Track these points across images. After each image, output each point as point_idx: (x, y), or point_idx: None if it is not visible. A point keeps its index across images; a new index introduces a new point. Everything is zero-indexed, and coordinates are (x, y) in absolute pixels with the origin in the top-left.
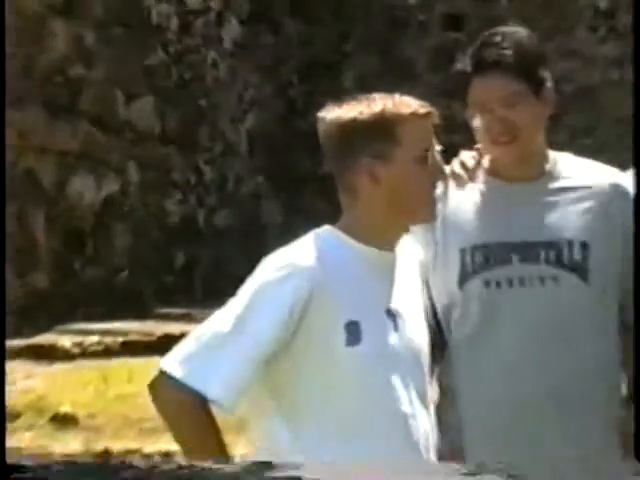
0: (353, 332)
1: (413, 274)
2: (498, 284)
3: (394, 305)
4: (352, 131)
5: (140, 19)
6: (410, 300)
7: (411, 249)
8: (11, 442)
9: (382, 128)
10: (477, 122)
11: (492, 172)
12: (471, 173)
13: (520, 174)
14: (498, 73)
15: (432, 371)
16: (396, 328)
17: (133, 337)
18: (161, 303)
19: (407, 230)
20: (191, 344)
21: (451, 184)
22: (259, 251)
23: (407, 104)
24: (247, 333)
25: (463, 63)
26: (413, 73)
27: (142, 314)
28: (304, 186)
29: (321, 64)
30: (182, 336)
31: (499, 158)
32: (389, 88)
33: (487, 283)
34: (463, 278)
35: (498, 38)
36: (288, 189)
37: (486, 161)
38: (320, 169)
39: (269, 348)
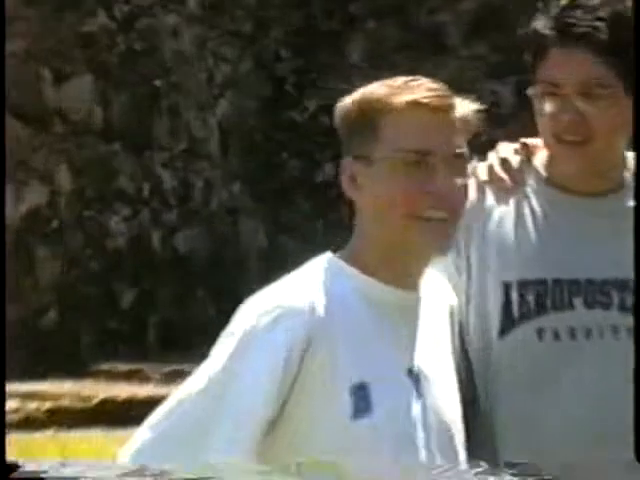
0: (361, 399)
1: (442, 322)
2: (556, 335)
3: (417, 363)
4: (339, 124)
5: None
6: (439, 357)
7: (440, 289)
8: None
9: (363, 120)
10: (545, 107)
11: (551, 180)
12: (518, 177)
13: (589, 186)
14: (587, 50)
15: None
16: (419, 394)
17: (64, 402)
18: (102, 356)
19: (426, 261)
20: (160, 432)
21: (488, 191)
22: (236, 286)
23: (409, 90)
24: (233, 411)
25: (540, 23)
26: (444, 45)
27: (77, 370)
28: (294, 197)
29: (319, 31)
30: (130, 402)
31: (563, 162)
32: (411, 66)
33: (541, 332)
34: (507, 323)
35: (590, 1)
36: (273, 201)
37: (540, 162)
38: (316, 173)
39: (264, 423)
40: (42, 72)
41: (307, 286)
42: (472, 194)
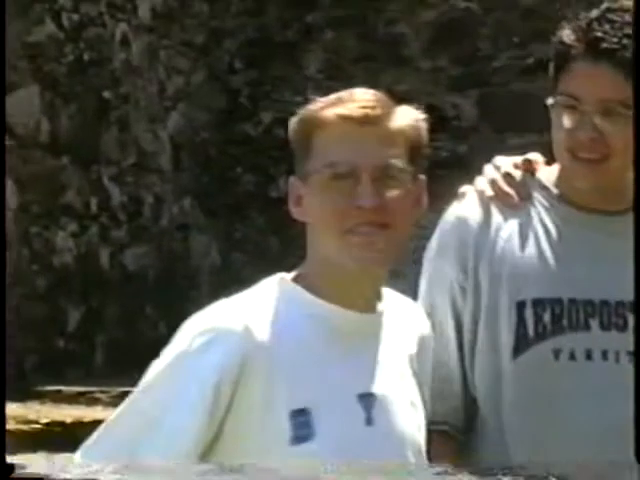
0: (302, 424)
1: (410, 346)
2: (572, 355)
3: (372, 388)
4: (290, 141)
5: None
6: (403, 381)
7: (409, 312)
8: None
9: (300, 137)
10: (563, 121)
11: (564, 196)
12: (523, 192)
13: (604, 205)
14: (613, 67)
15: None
16: (370, 419)
17: (9, 425)
18: (47, 378)
19: (375, 279)
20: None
21: (493, 207)
22: (187, 304)
23: (341, 104)
24: (161, 436)
25: (567, 33)
26: (403, 57)
27: (21, 392)
28: (248, 212)
29: (275, 42)
30: (77, 425)
31: (578, 179)
32: (369, 78)
33: (557, 352)
34: (522, 342)
35: (620, 17)
36: (226, 216)
37: (545, 177)
38: (270, 188)
39: (194, 451)
40: None
41: (248, 307)
42: (476, 211)
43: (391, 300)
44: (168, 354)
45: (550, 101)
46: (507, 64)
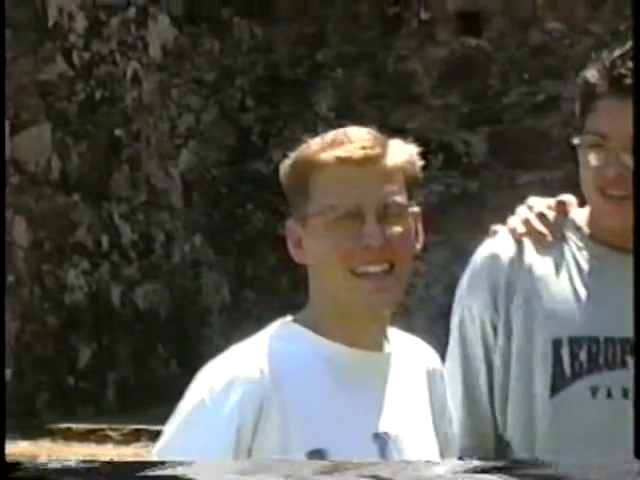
0: None
1: (420, 384)
2: (609, 393)
3: (386, 426)
4: (283, 186)
5: (32, 15)
6: (415, 420)
7: (419, 350)
8: None
9: (296, 180)
10: (590, 159)
11: (595, 236)
12: (556, 231)
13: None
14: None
15: None
16: (386, 459)
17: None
18: (58, 415)
19: (381, 317)
20: None
21: (526, 246)
22: (198, 342)
23: (337, 145)
24: None
25: (591, 72)
26: (414, 94)
27: (33, 430)
28: (259, 250)
29: (285, 80)
30: (90, 463)
31: (608, 217)
32: (380, 115)
33: (595, 391)
34: (559, 381)
35: None
36: (237, 254)
37: (579, 218)
38: (281, 226)
39: None
40: None
41: (259, 352)
42: (508, 248)
43: (398, 339)
44: (186, 405)
45: (576, 141)
46: (517, 101)
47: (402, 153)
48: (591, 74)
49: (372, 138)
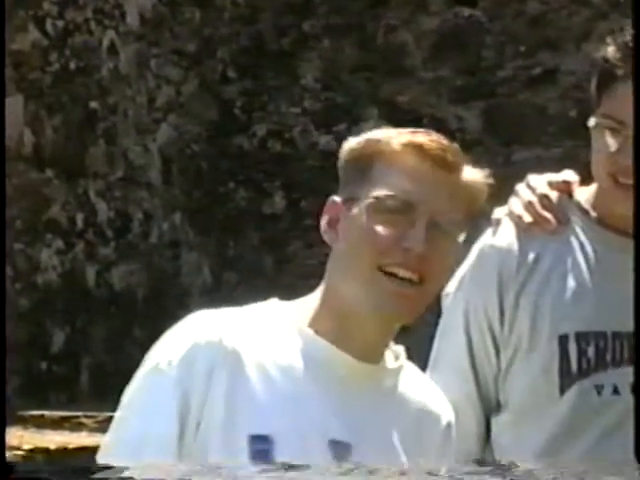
0: (261, 452)
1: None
2: (615, 390)
3: (351, 438)
4: (340, 165)
5: None
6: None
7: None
8: None
9: (360, 160)
10: (604, 144)
11: (603, 220)
12: (562, 216)
13: None
14: None
15: None
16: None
17: None
18: (30, 402)
19: (387, 328)
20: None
21: (532, 235)
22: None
23: (413, 135)
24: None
25: (612, 50)
26: (404, 67)
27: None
28: (241, 229)
29: (270, 51)
30: (61, 451)
31: (619, 203)
32: (369, 88)
33: (600, 389)
34: (566, 379)
35: None
36: (219, 233)
37: (583, 199)
38: (265, 204)
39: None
40: None
41: (227, 321)
42: (513, 241)
43: (410, 373)
44: (145, 366)
45: (592, 122)
46: (513, 74)
47: (477, 175)
48: (612, 52)
49: (452, 146)
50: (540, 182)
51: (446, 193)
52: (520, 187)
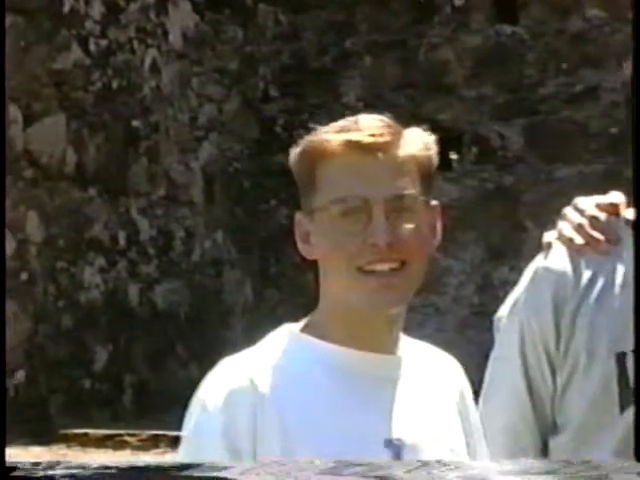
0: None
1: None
2: None
3: (399, 433)
4: (293, 174)
5: (47, 1)
6: (437, 427)
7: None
8: None
9: (303, 170)
10: None
11: None
12: (613, 237)
13: None
14: None
15: None
16: None
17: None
18: (73, 419)
19: (391, 317)
20: None
21: (585, 257)
22: (219, 343)
23: (345, 131)
24: None
25: None
26: (446, 84)
27: (44, 435)
28: (284, 248)
29: (311, 69)
30: (105, 469)
31: None
32: (411, 106)
33: None
34: (627, 396)
35: None
36: (260, 251)
37: (630, 215)
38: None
39: None
40: (10, 111)
41: (253, 361)
42: (567, 263)
43: (415, 347)
44: (185, 430)
45: None
46: (555, 91)
47: (417, 142)
48: None
49: (384, 125)
50: (588, 204)
51: (392, 174)
52: (568, 210)
